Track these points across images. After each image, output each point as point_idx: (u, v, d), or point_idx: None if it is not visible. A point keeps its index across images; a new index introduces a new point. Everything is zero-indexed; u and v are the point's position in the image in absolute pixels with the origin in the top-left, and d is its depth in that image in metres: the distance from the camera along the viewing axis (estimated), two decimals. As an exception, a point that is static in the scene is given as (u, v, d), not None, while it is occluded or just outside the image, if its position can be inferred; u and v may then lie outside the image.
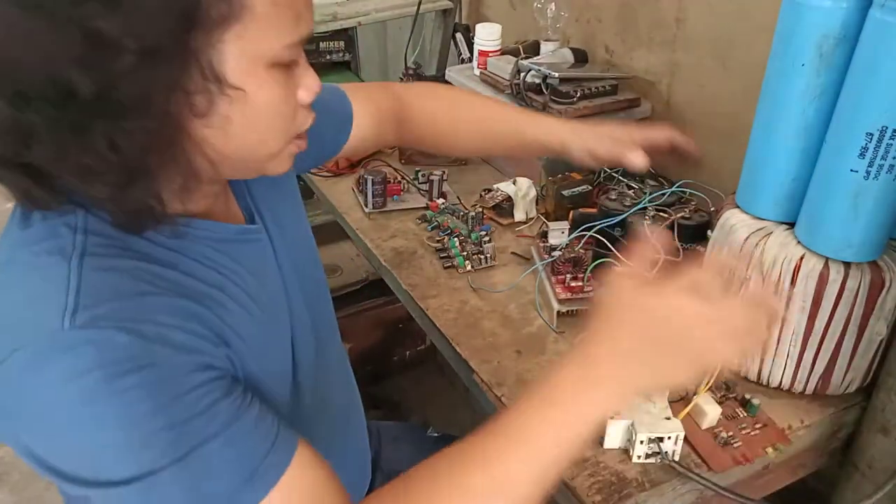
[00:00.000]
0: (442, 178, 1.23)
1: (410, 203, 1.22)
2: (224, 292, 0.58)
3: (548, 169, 1.24)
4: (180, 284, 0.54)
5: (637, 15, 1.27)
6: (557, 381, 0.55)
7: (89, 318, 0.48)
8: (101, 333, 0.48)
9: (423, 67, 1.65)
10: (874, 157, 0.68)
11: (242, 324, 0.58)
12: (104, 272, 0.51)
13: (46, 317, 0.48)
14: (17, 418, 0.50)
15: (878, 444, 0.79)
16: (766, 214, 0.81)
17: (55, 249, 0.51)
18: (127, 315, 0.50)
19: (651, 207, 0.95)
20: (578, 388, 0.54)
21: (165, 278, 0.54)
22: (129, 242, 0.54)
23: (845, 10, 0.68)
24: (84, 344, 0.48)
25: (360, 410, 0.88)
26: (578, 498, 0.71)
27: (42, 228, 0.53)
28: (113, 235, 0.53)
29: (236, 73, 0.50)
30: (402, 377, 1.88)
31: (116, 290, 0.50)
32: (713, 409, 0.76)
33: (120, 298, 0.50)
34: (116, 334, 0.48)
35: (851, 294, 0.75)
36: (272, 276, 0.67)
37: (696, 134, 1.21)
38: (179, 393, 0.50)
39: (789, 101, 0.74)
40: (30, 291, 0.51)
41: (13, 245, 0.53)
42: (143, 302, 0.51)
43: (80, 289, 0.49)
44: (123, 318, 0.49)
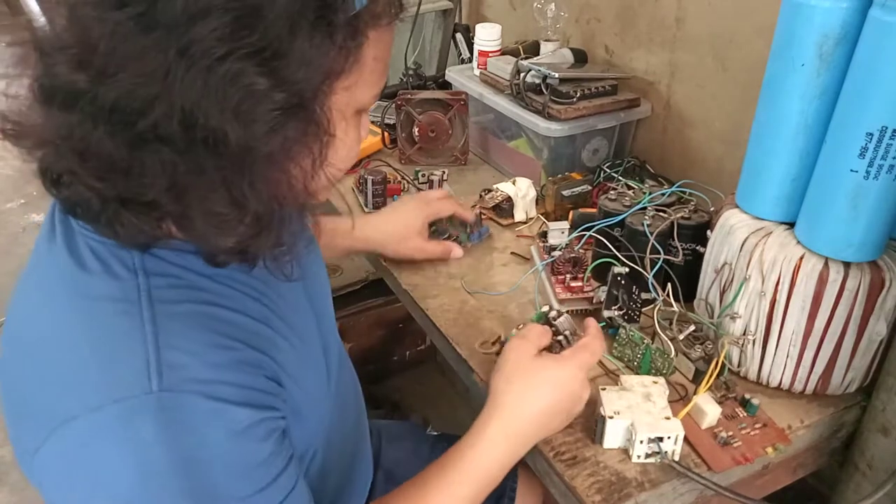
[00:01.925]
0: (442, 178, 1.23)
1: None
2: (270, 326, 0.59)
3: (548, 169, 1.24)
4: (240, 328, 0.55)
5: (637, 15, 1.27)
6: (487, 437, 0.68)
7: (177, 379, 0.49)
8: (186, 398, 0.48)
9: (423, 67, 1.65)
10: (874, 157, 0.68)
11: (289, 359, 0.60)
12: (177, 321, 0.51)
13: (130, 375, 0.48)
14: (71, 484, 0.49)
15: (878, 444, 0.79)
16: (766, 214, 0.81)
17: (120, 296, 0.51)
18: (209, 377, 0.50)
19: (651, 207, 0.95)
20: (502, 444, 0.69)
21: (227, 322, 0.54)
22: (187, 280, 0.54)
23: (845, 10, 0.68)
24: (171, 409, 0.48)
25: (364, 410, 0.88)
26: (578, 498, 0.71)
27: (98, 268, 0.52)
28: (170, 273, 0.54)
29: (335, 120, 0.52)
30: (402, 377, 1.88)
31: (193, 346, 0.51)
32: (713, 409, 0.76)
33: (198, 356, 0.50)
34: (202, 401, 0.49)
35: (851, 294, 0.75)
36: (303, 302, 0.68)
37: (696, 134, 1.22)
38: (252, 464, 0.52)
39: (789, 101, 0.74)
40: (105, 345, 0.50)
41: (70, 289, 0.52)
42: (219, 359, 0.52)
43: (159, 342, 0.49)
44: (207, 381, 0.50)
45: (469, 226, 1.09)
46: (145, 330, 0.50)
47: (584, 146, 1.25)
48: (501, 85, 1.30)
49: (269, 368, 0.56)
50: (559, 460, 0.74)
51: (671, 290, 0.86)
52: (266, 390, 0.55)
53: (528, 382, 0.70)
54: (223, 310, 0.55)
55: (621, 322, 0.86)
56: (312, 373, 0.66)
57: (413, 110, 1.31)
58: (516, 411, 0.69)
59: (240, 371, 0.53)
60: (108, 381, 0.49)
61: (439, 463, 0.67)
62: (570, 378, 0.71)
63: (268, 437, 0.54)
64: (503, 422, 0.69)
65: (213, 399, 0.50)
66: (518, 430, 0.69)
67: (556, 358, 0.72)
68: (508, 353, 0.73)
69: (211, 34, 0.44)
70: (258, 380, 0.54)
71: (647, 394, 0.76)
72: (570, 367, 0.71)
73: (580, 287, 0.96)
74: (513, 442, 0.69)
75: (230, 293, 0.57)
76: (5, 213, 2.74)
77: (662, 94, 1.26)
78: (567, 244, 1.00)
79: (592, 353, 0.73)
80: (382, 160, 1.33)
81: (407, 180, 1.27)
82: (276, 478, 0.54)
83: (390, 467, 0.95)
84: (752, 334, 0.81)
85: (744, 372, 0.84)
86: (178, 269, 0.54)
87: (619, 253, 0.92)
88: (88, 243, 0.54)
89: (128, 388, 0.48)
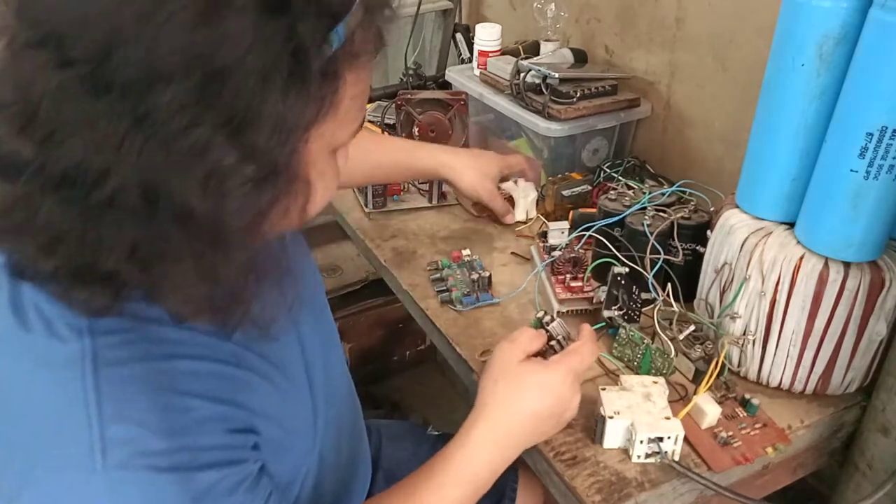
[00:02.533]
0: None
1: (410, 203, 1.22)
2: (243, 367, 0.55)
3: (548, 169, 1.24)
4: (202, 379, 0.51)
5: (637, 15, 1.27)
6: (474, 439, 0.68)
7: (120, 458, 0.46)
8: (135, 475, 0.46)
9: (423, 67, 1.65)
10: (874, 157, 0.67)
11: (268, 400, 0.57)
12: (126, 387, 0.47)
13: (74, 452, 0.45)
14: None
15: (878, 444, 0.79)
16: (766, 214, 0.81)
17: (62, 361, 0.47)
18: (163, 447, 0.47)
19: (651, 207, 0.95)
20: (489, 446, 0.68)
21: (187, 375, 0.50)
22: (141, 331, 0.50)
23: (845, 9, 0.68)
24: (122, 485, 0.46)
25: (360, 414, 0.88)
26: (578, 498, 0.71)
27: (41, 329, 0.48)
28: (123, 328, 0.49)
29: (312, 169, 0.49)
30: (402, 377, 1.88)
31: (143, 415, 0.47)
32: (713, 409, 0.76)
33: (149, 425, 0.47)
34: (150, 475, 0.46)
35: (851, 294, 0.75)
36: (286, 331, 0.64)
37: (696, 134, 1.22)
38: None
39: (789, 101, 0.74)
40: (45, 419, 0.47)
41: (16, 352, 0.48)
42: (174, 424, 0.48)
43: (103, 414, 0.46)
44: (160, 453, 0.47)
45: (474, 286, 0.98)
46: (88, 401, 0.46)
47: (584, 146, 1.25)
48: (501, 85, 1.30)
49: (237, 419, 0.53)
50: (559, 460, 0.74)
51: (671, 290, 0.86)
52: (231, 445, 0.52)
53: (514, 386, 0.69)
54: (184, 361, 0.51)
55: (621, 322, 0.86)
56: (299, 407, 0.63)
57: (413, 110, 1.31)
58: (503, 414, 0.68)
59: (199, 433, 0.49)
60: (53, 458, 0.46)
61: (429, 465, 0.67)
62: (558, 382, 0.69)
63: (235, 490, 0.51)
64: (490, 424, 0.68)
65: (167, 471, 0.47)
66: (506, 433, 0.68)
67: (543, 362, 0.71)
68: (496, 356, 0.72)
69: (172, 101, 0.39)
70: (222, 437, 0.51)
71: (647, 394, 0.76)
72: (558, 372, 0.70)
73: (580, 287, 0.96)
74: (501, 445, 0.68)
75: (193, 338, 0.52)
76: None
77: (662, 94, 1.26)
78: (567, 244, 1.00)
79: (582, 357, 0.72)
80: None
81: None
82: None
83: (390, 467, 0.95)
84: (752, 334, 0.81)
85: (744, 372, 0.84)
86: (131, 321, 0.49)
87: (619, 253, 0.92)
88: (34, 299, 0.49)
89: (73, 467, 0.45)
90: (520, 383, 0.69)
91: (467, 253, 1.06)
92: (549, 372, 0.70)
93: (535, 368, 0.70)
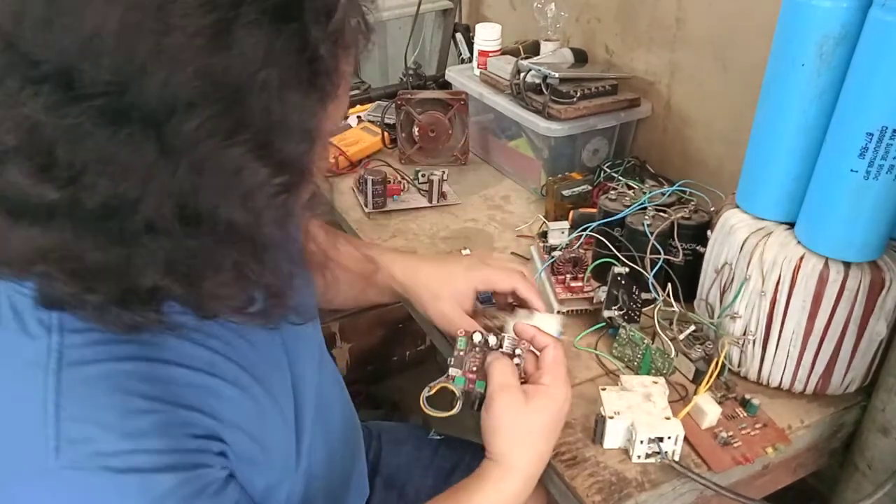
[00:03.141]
0: (442, 177, 1.23)
1: (410, 203, 1.22)
2: (214, 374, 0.54)
3: (548, 169, 1.24)
4: (168, 384, 0.50)
5: (637, 15, 1.27)
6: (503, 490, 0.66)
7: (74, 457, 0.45)
8: (90, 476, 0.45)
9: (423, 67, 1.65)
10: (874, 157, 0.67)
11: (238, 410, 0.56)
12: (88, 387, 0.47)
13: (29, 448, 0.45)
14: None
15: (878, 444, 0.79)
16: (766, 214, 0.81)
17: (30, 358, 0.47)
18: (121, 448, 0.46)
19: (651, 207, 0.95)
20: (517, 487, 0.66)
21: (152, 379, 0.50)
22: (107, 333, 0.48)
23: (845, 10, 0.68)
24: (71, 486, 0.45)
25: (359, 437, 0.86)
26: (578, 498, 0.71)
27: (13, 325, 0.48)
28: (92, 327, 0.48)
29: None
30: (402, 377, 1.88)
31: (104, 415, 0.46)
32: (713, 409, 0.76)
33: (108, 426, 0.46)
34: (105, 476, 0.45)
35: (851, 294, 0.75)
36: (272, 343, 0.63)
37: (696, 134, 1.22)
38: None
39: (789, 101, 0.74)
40: (9, 413, 0.47)
41: None
42: (135, 426, 0.47)
43: (61, 414, 0.45)
44: (118, 453, 0.46)
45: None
46: (47, 400, 0.45)
47: (584, 146, 1.25)
48: (501, 85, 1.30)
49: (201, 426, 0.52)
50: (559, 460, 0.74)
51: (671, 290, 0.86)
52: (194, 449, 0.51)
53: (532, 432, 0.67)
54: (151, 364, 0.50)
55: (621, 322, 0.86)
56: (278, 422, 0.62)
57: (413, 110, 1.31)
58: (529, 462, 0.67)
59: (161, 436, 0.48)
60: (11, 458, 0.46)
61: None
62: (561, 400, 0.69)
63: (198, 495, 0.50)
64: (518, 477, 0.67)
65: (124, 472, 0.46)
66: (532, 473, 0.68)
67: (543, 392, 0.68)
68: (501, 412, 0.66)
69: (199, 128, 0.39)
70: (184, 441, 0.50)
71: (647, 394, 0.76)
72: (557, 395, 0.68)
73: (580, 287, 0.96)
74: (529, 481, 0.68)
75: (164, 341, 0.51)
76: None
77: (663, 94, 1.26)
78: (567, 244, 1.00)
79: (562, 361, 0.70)
80: (382, 160, 1.32)
81: (407, 180, 1.26)
82: None
83: (390, 472, 0.94)
84: (752, 334, 0.81)
85: (744, 372, 0.84)
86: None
87: (620, 253, 0.92)
88: (10, 295, 0.49)
89: (27, 465, 0.45)
90: (537, 426, 0.67)
91: (467, 253, 1.06)
92: (553, 399, 0.68)
93: (543, 404, 0.68)
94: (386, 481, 0.92)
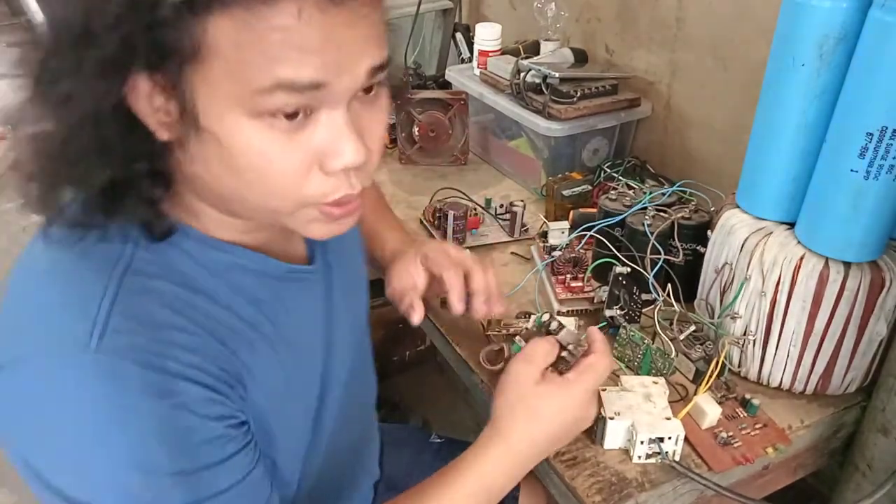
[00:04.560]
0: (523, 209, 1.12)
1: (490, 238, 1.12)
2: (256, 330, 0.57)
3: (548, 169, 1.24)
4: (214, 320, 0.54)
5: (637, 15, 1.27)
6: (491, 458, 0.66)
7: (116, 345, 0.48)
8: (124, 366, 0.47)
9: (423, 67, 1.65)
10: (874, 157, 0.67)
11: (265, 366, 0.58)
12: (141, 295, 0.51)
13: (74, 330, 0.48)
14: (18, 424, 0.49)
15: (878, 444, 0.79)
16: (766, 214, 0.81)
17: (103, 257, 0.51)
18: (153, 349, 0.49)
19: (651, 207, 0.95)
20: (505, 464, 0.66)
21: (200, 310, 0.53)
22: (177, 263, 0.54)
23: (845, 10, 0.68)
24: (105, 372, 0.47)
25: (375, 437, 0.87)
26: (578, 498, 0.71)
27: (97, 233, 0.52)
28: (162, 252, 0.53)
29: (208, 116, 0.47)
30: (402, 377, 1.88)
31: (148, 319, 0.50)
32: (713, 409, 0.76)
33: (149, 329, 0.50)
34: (140, 370, 0.48)
35: (851, 294, 0.75)
36: (313, 319, 0.66)
37: (696, 134, 1.22)
38: (196, 441, 0.51)
39: (789, 101, 0.74)
40: (64, 298, 0.50)
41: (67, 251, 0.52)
42: (174, 338, 0.50)
43: (114, 309, 0.49)
44: (149, 352, 0.49)
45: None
46: (107, 291, 0.49)
47: (585, 146, 1.25)
48: (501, 85, 1.30)
49: (230, 364, 0.54)
50: (559, 460, 0.74)
51: (671, 290, 0.86)
52: (219, 377, 0.53)
53: (533, 411, 0.67)
54: (204, 299, 0.54)
55: (622, 322, 0.86)
56: (299, 391, 0.64)
57: (413, 110, 1.31)
58: (521, 437, 0.67)
59: (193, 353, 0.51)
60: (50, 333, 0.49)
61: (441, 477, 0.66)
62: (575, 405, 0.67)
63: (219, 420, 0.52)
64: (508, 445, 0.67)
65: (154, 370, 0.48)
66: (522, 454, 0.67)
67: (560, 383, 0.67)
68: (512, 377, 0.68)
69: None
70: (211, 366, 0.52)
71: (647, 394, 0.76)
72: (575, 393, 0.67)
73: (580, 287, 0.96)
74: (518, 463, 0.67)
75: (221, 289, 0.55)
76: (5, 213, 2.74)
77: (663, 93, 1.26)
78: (567, 244, 1.00)
79: (599, 374, 0.68)
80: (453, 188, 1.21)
81: (482, 208, 1.17)
82: (229, 458, 0.52)
83: (391, 474, 0.94)
84: (752, 334, 0.81)
85: (744, 372, 0.84)
86: (177, 252, 0.54)
87: (620, 253, 0.92)
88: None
89: (65, 344, 0.48)
90: (539, 409, 0.67)
91: (467, 253, 1.06)
92: (568, 395, 0.67)
93: (552, 392, 0.67)
94: (387, 483, 0.92)
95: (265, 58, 0.45)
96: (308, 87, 0.46)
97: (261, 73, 0.45)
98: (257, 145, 0.48)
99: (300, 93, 0.47)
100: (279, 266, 0.61)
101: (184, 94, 0.46)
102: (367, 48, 0.49)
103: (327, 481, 0.72)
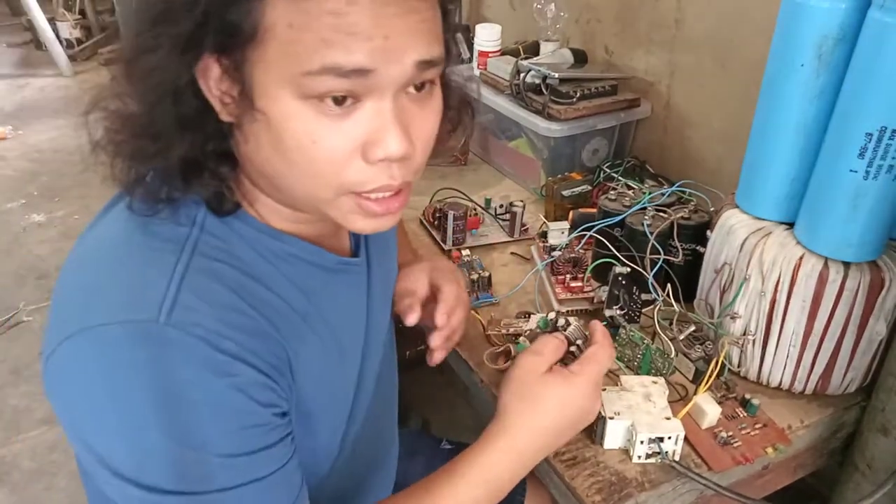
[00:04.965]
0: (523, 210, 1.13)
1: (490, 238, 1.13)
2: (306, 322, 0.59)
3: (548, 169, 1.24)
4: (268, 305, 0.55)
5: (637, 15, 1.27)
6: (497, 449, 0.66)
7: (184, 320, 0.49)
8: (190, 341, 0.49)
9: (423, 68, 1.64)
10: (874, 157, 0.68)
11: (313, 358, 0.59)
12: (207, 276, 0.52)
13: (145, 301, 0.49)
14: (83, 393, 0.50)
15: (878, 444, 0.79)
16: (766, 214, 0.81)
17: (172, 237, 0.53)
18: (217, 328, 0.50)
19: (651, 207, 0.95)
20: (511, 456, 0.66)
21: (257, 296, 0.55)
22: (237, 248, 0.56)
23: (844, 10, 0.68)
24: (172, 344, 0.48)
25: (396, 437, 0.88)
26: (578, 498, 0.71)
27: (167, 214, 0.55)
28: (224, 238, 0.55)
29: (262, 97, 0.49)
30: (402, 377, 1.87)
31: (213, 299, 0.51)
32: (713, 409, 0.76)
33: (214, 309, 0.51)
34: (204, 346, 0.49)
35: (851, 294, 0.75)
36: (358, 312, 0.68)
37: (696, 134, 1.22)
38: (246, 424, 0.52)
39: (789, 101, 0.74)
40: (135, 271, 0.52)
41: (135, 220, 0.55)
42: (232, 319, 0.52)
43: (182, 285, 0.50)
44: (213, 331, 0.50)
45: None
46: (176, 269, 0.51)
47: (584, 146, 1.25)
48: (501, 85, 1.30)
49: (282, 351, 0.56)
50: (559, 460, 0.74)
51: (671, 290, 0.87)
52: (272, 363, 0.54)
53: (537, 402, 0.67)
54: (258, 285, 0.55)
55: (622, 322, 0.86)
56: (337, 385, 0.65)
57: (413, 110, 1.31)
58: (525, 430, 0.67)
59: (250, 336, 0.52)
60: (121, 303, 0.50)
61: (447, 471, 0.66)
62: (579, 396, 0.68)
63: (268, 407, 0.53)
64: (513, 437, 0.67)
65: (215, 349, 0.50)
66: (527, 447, 0.67)
67: (565, 375, 0.68)
68: (519, 368, 0.69)
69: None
70: (266, 352, 0.54)
71: (647, 394, 0.76)
72: (579, 385, 0.68)
73: (580, 287, 0.96)
74: (524, 455, 0.67)
75: (275, 277, 0.57)
76: (5, 213, 2.74)
77: (662, 94, 1.26)
78: (567, 244, 1.00)
79: (601, 364, 0.69)
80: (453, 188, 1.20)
81: (482, 209, 1.17)
82: (270, 447, 0.53)
83: (401, 482, 0.94)
84: (752, 334, 0.81)
85: (744, 372, 0.84)
86: (237, 238, 0.56)
87: (620, 253, 0.92)
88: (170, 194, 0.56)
89: (137, 313, 0.49)
90: (543, 401, 0.67)
91: (467, 253, 1.06)
92: (572, 386, 0.68)
93: (556, 382, 0.68)
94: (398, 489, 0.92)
95: (315, 40, 0.47)
96: (355, 72, 0.48)
97: (311, 55, 0.47)
98: (304, 127, 0.49)
99: (347, 78, 0.48)
100: (329, 258, 0.62)
101: (243, 76, 0.49)
102: (416, 41, 0.49)
103: (350, 479, 0.73)
